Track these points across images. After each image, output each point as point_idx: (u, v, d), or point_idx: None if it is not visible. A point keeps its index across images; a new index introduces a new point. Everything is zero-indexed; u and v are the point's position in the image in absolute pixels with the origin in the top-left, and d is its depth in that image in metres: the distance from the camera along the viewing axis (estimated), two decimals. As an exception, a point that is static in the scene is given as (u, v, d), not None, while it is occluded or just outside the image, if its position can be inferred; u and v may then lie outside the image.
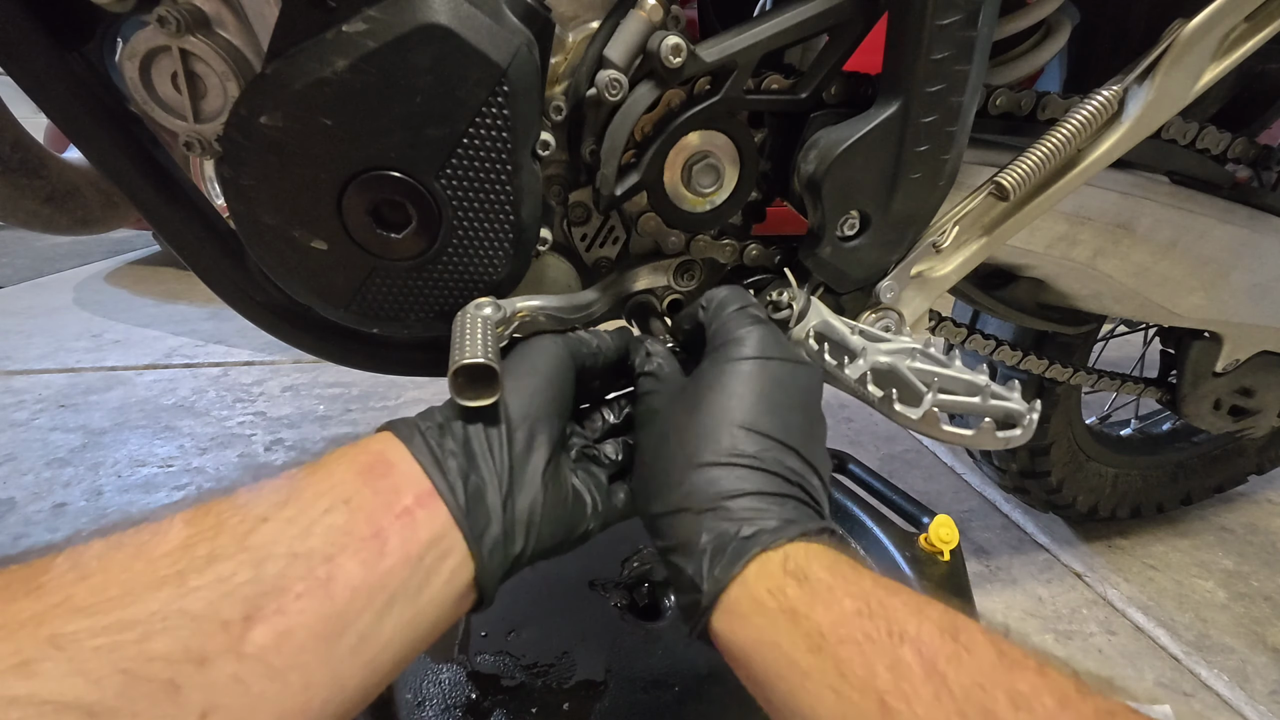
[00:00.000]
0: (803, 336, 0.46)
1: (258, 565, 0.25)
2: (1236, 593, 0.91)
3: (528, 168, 0.41)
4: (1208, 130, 0.57)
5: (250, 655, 0.23)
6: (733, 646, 0.30)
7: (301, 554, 0.26)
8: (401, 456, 0.32)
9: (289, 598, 0.25)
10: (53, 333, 1.71)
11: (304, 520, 0.27)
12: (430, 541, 0.30)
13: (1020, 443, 0.43)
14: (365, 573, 0.27)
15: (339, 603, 0.26)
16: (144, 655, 0.21)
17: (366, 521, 0.28)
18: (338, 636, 0.26)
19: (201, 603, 0.23)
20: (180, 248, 0.46)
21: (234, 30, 0.39)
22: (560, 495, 0.37)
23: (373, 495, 0.29)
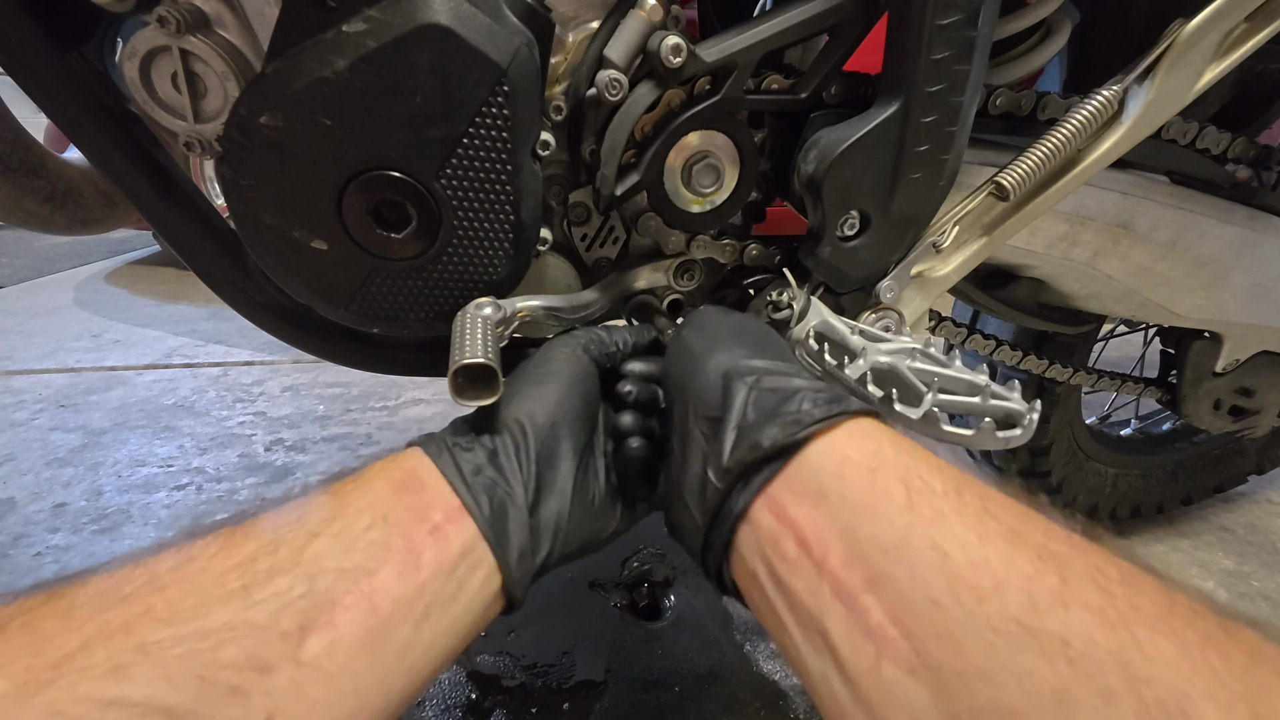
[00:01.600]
0: (803, 336, 0.46)
1: (311, 579, 0.27)
2: (1236, 593, 0.91)
3: (528, 168, 0.41)
4: (1208, 130, 0.57)
5: (306, 663, 0.26)
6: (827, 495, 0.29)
7: (348, 569, 0.28)
8: (431, 474, 0.33)
9: (338, 610, 0.27)
10: (53, 333, 1.71)
11: (348, 536, 0.30)
12: (461, 554, 0.31)
13: (1020, 443, 0.43)
14: (403, 585, 0.29)
15: (382, 614, 0.28)
16: (216, 663, 0.24)
17: (402, 537, 0.30)
18: (382, 644, 0.28)
19: (264, 614, 0.26)
20: (180, 248, 0.46)
21: (234, 30, 0.39)
22: (586, 499, 0.38)
23: (406, 511, 0.31)
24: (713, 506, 0.32)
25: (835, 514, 0.27)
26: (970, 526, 0.25)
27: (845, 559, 0.26)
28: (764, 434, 0.31)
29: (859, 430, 0.31)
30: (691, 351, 0.38)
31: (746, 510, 0.30)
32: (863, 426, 0.31)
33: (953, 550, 0.24)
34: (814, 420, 0.30)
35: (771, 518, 0.29)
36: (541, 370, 0.40)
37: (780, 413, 0.31)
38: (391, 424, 1.25)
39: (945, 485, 0.27)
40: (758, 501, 0.30)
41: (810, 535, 0.28)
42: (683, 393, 0.37)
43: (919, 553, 0.25)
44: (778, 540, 0.29)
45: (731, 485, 0.31)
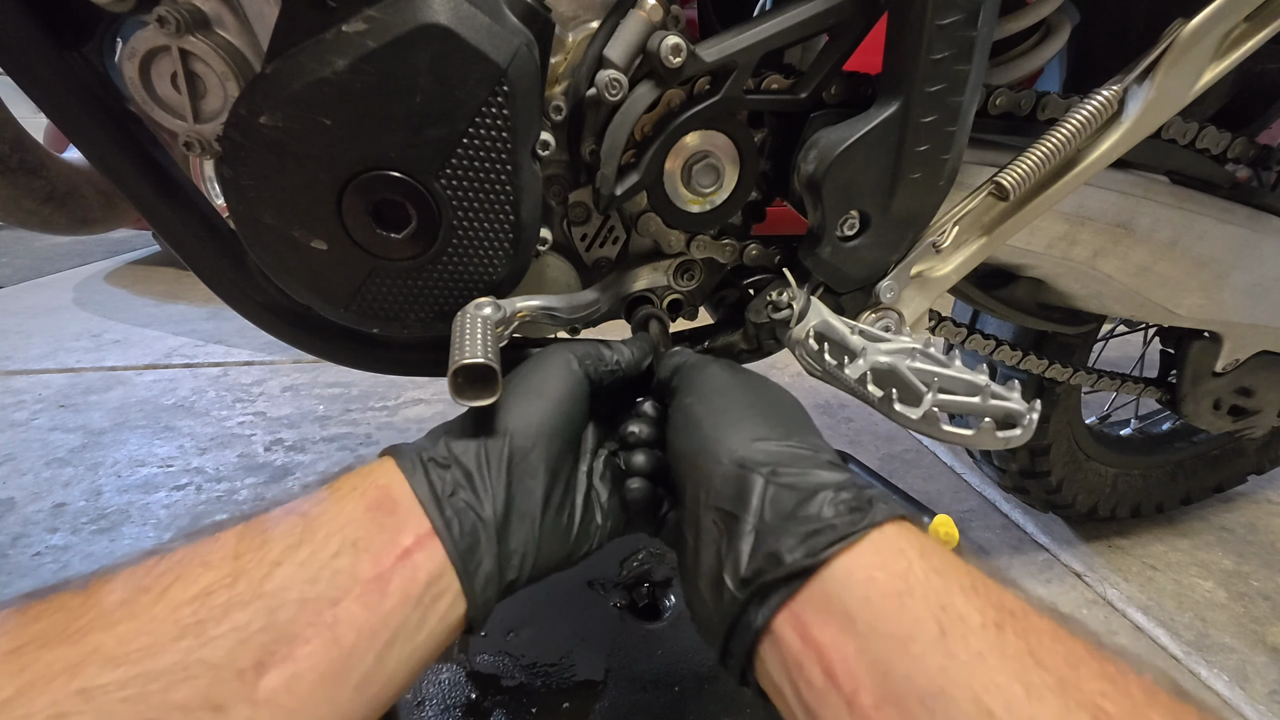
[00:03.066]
0: (803, 336, 0.46)
1: (271, 613, 0.27)
2: (1236, 593, 0.91)
3: (528, 168, 0.41)
4: (1208, 130, 0.57)
5: (262, 701, 0.25)
6: (845, 609, 0.27)
7: (310, 599, 0.28)
8: (404, 494, 0.33)
9: (298, 644, 0.27)
10: (53, 333, 1.71)
11: (314, 564, 0.29)
12: (428, 582, 0.31)
13: (1020, 443, 0.43)
14: (368, 615, 0.29)
15: (344, 645, 0.28)
16: (167, 704, 0.23)
17: (371, 563, 0.30)
18: (344, 677, 0.28)
19: (220, 652, 0.25)
20: (180, 248, 0.46)
21: (234, 30, 0.39)
22: (561, 523, 0.37)
23: (378, 533, 0.31)
24: (730, 615, 0.30)
25: (864, 644, 0.26)
26: (1015, 674, 0.23)
27: (877, 700, 0.24)
28: (783, 545, 0.29)
29: (886, 544, 0.29)
30: (700, 428, 0.36)
31: (768, 624, 0.29)
32: (889, 538, 0.29)
33: (997, 708, 0.22)
34: (837, 538, 0.28)
35: (795, 636, 0.28)
36: (530, 383, 0.39)
37: (800, 517, 0.30)
38: (391, 424, 1.25)
39: (983, 617, 0.25)
40: (780, 616, 0.29)
41: (838, 665, 0.26)
42: (693, 474, 0.35)
43: (960, 707, 0.23)
44: (802, 664, 0.27)
45: (750, 598, 0.29)
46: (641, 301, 0.54)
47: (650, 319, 0.51)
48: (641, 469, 0.41)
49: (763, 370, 0.42)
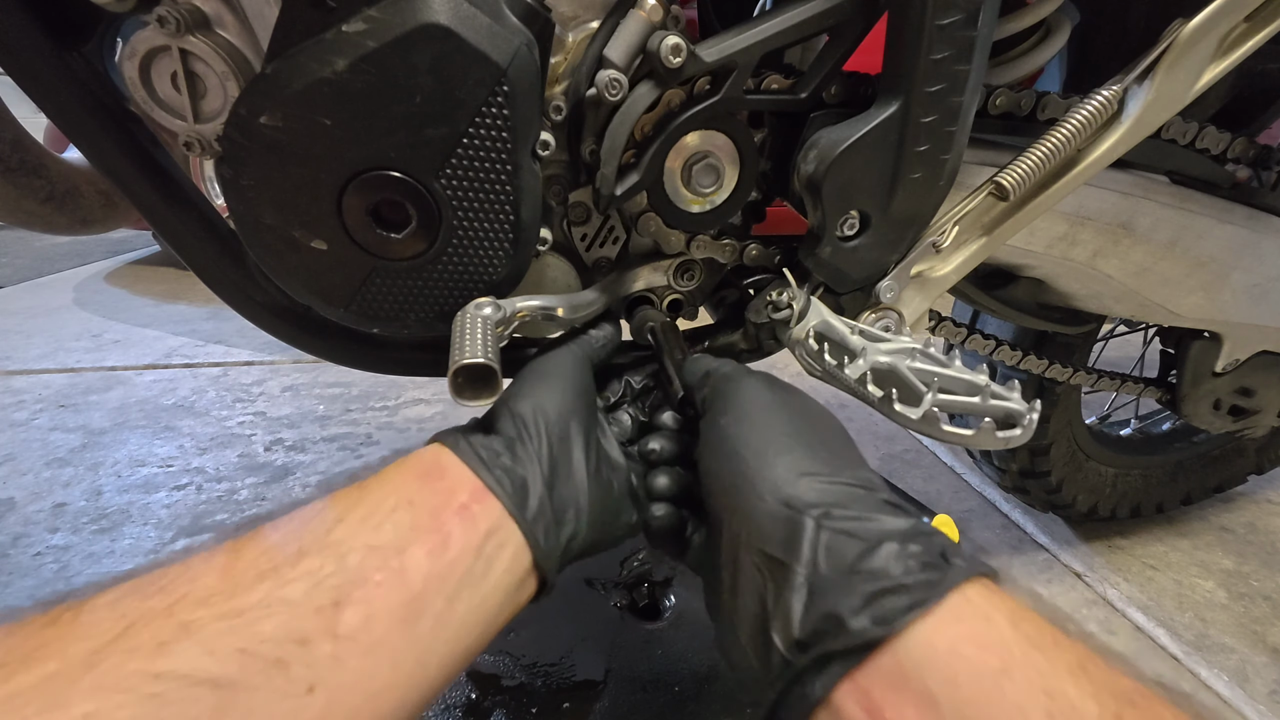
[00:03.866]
0: (803, 336, 0.46)
1: (341, 558, 0.28)
2: (1236, 593, 0.91)
3: (528, 168, 0.41)
4: (1208, 130, 0.57)
5: (343, 636, 0.26)
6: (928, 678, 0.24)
7: (377, 547, 0.29)
8: (452, 462, 0.34)
9: (370, 586, 0.28)
10: (53, 333, 1.71)
11: (375, 518, 0.30)
12: (488, 533, 0.32)
13: (1020, 443, 0.43)
14: (433, 562, 0.30)
15: (414, 589, 0.29)
16: (256, 636, 0.25)
17: (430, 517, 0.31)
18: (416, 619, 0.29)
19: (298, 592, 0.27)
20: (180, 248, 0.46)
21: (234, 30, 0.39)
22: (604, 479, 0.39)
23: (432, 495, 0.32)
24: (782, 680, 0.27)
25: None
26: None
27: None
28: (845, 605, 0.25)
29: (970, 610, 0.25)
30: (739, 456, 0.33)
31: (827, 696, 0.25)
32: (974, 602, 0.25)
33: None
34: (913, 603, 0.24)
35: (862, 714, 0.24)
36: (545, 370, 0.42)
37: (862, 572, 0.26)
38: (391, 424, 1.25)
39: (1100, 708, 0.21)
40: (843, 689, 0.25)
41: None
42: (731, 508, 0.32)
43: None
44: None
45: (807, 666, 0.26)
46: (642, 301, 0.54)
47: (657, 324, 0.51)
48: (665, 493, 0.40)
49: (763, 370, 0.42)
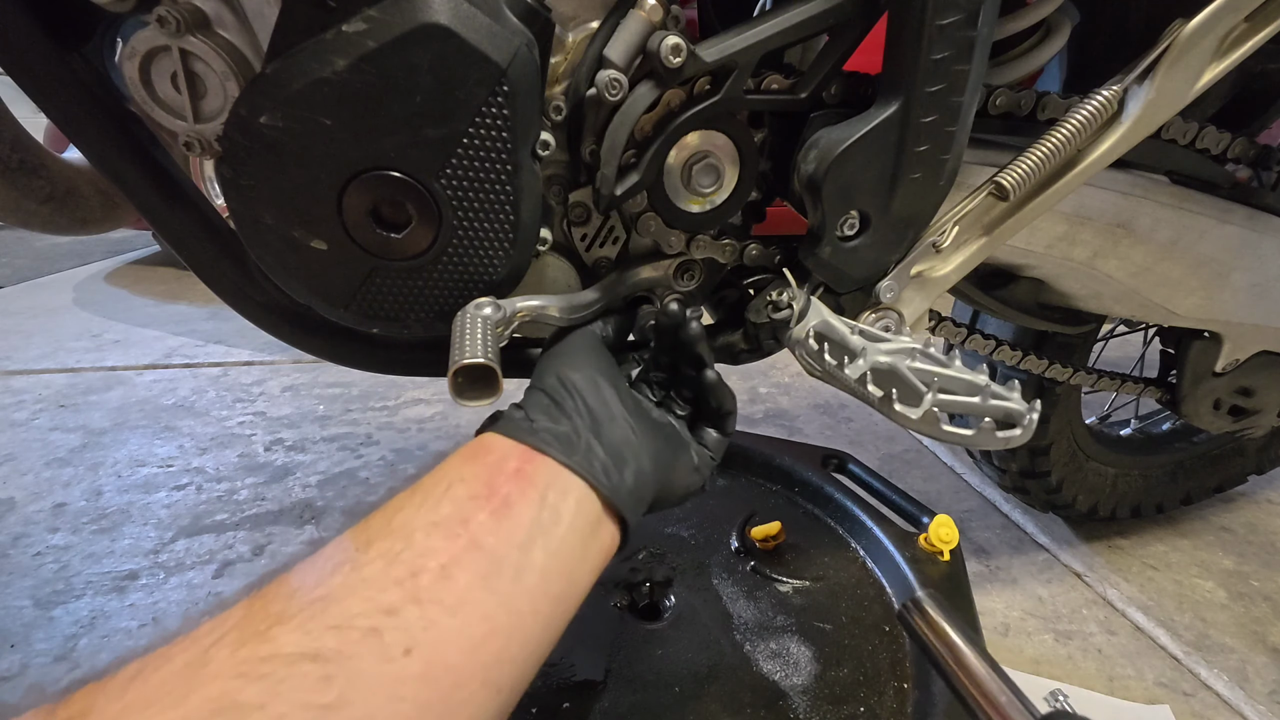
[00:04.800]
0: (803, 336, 0.46)
1: (408, 537, 0.30)
2: (1236, 593, 0.91)
3: (528, 168, 0.41)
4: (1208, 130, 0.57)
5: (427, 600, 0.28)
6: None
7: (440, 521, 0.31)
8: (495, 439, 0.36)
9: (442, 554, 0.30)
10: (53, 333, 1.71)
11: (432, 500, 0.32)
12: (547, 484, 0.34)
13: (1020, 443, 0.43)
14: (498, 521, 0.32)
15: (485, 548, 0.31)
16: (345, 613, 0.27)
17: (485, 485, 0.33)
18: (495, 573, 0.31)
19: (375, 571, 0.29)
20: (180, 248, 0.46)
21: (234, 30, 0.39)
22: (648, 421, 0.41)
23: (483, 469, 0.34)
24: None
25: None
26: None
27: None
28: None
29: None
30: None
31: None
32: None
33: None
34: None
35: None
36: (557, 350, 0.43)
37: None
38: (391, 424, 1.25)
39: None
40: None
41: None
42: None
43: None
44: None
45: None
46: (642, 302, 0.54)
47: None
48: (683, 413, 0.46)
49: (763, 370, 0.42)
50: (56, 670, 0.70)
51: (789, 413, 1.39)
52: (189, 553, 0.88)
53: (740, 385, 1.47)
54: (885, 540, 0.64)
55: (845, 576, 0.63)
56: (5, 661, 0.71)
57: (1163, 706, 0.72)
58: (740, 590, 0.61)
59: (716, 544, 0.67)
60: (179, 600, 0.80)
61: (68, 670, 0.70)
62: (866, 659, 0.54)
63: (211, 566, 0.86)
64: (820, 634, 0.57)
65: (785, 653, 0.55)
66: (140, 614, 0.78)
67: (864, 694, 0.51)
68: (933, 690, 0.50)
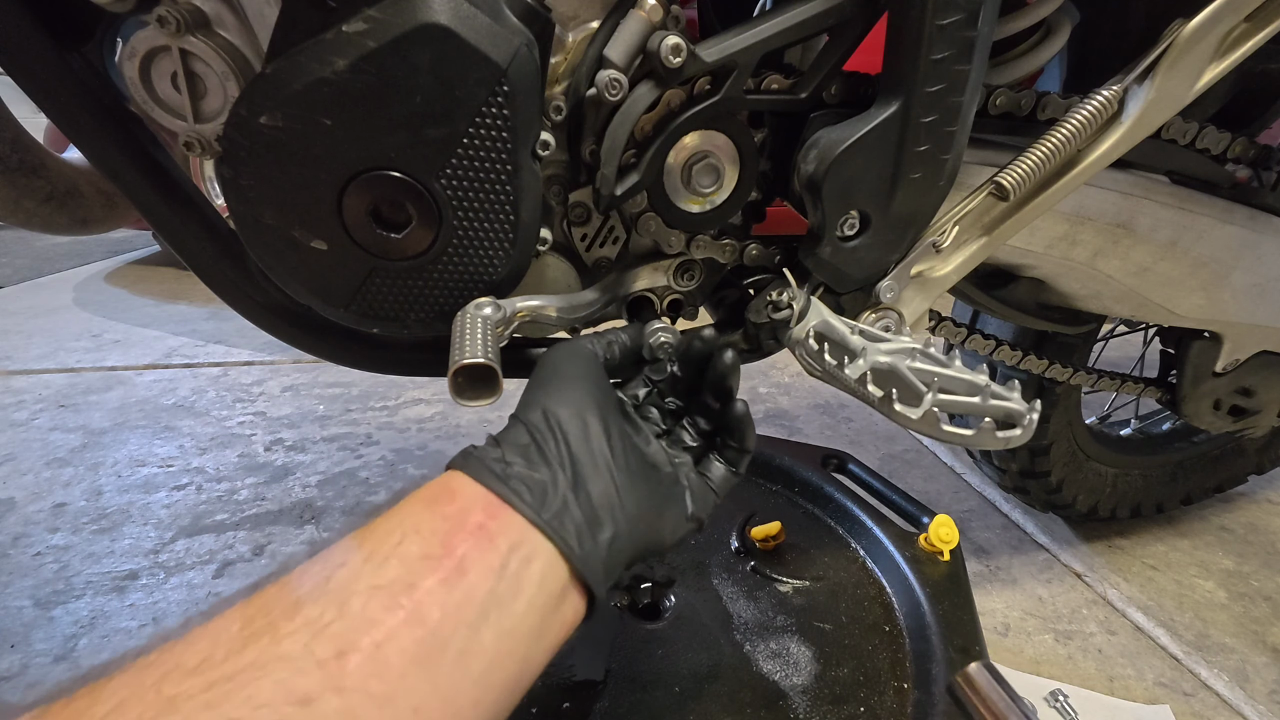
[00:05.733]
0: (803, 336, 0.46)
1: (342, 604, 0.26)
2: (1236, 593, 0.91)
3: (528, 168, 0.41)
4: (1208, 130, 0.57)
5: (351, 688, 0.24)
6: None
7: (383, 585, 0.27)
8: (463, 482, 0.32)
9: (378, 629, 0.26)
10: (53, 333, 1.71)
11: (380, 556, 0.28)
12: (510, 549, 0.30)
13: (1020, 443, 0.43)
14: (448, 592, 0.28)
15: (429, 624, 0.27)
16: (250, 703, 0.23)
17: (441, 544, 0.29)
18: (436, 656, 0.26)
19: (296, 646, 0.24)
20: (180, 248, 0.46)
21: (234, 30, 0.39)
22: (638, 471, 0.37)
23: (442, 521, 0.30)
24: None
25: None
26: None
27: None
28: None
29: None
30: None
31: None
32: None
33: None
34: None
35: None
36: (549, 372, 0.39)
37: None
38: (391, 424, 1.25)
39: None
40: None
41: None
42: None
43: None
44: None
45: None
46: (642, 301, 0.54)
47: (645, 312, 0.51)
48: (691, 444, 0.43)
49: (763, 370, 0.42)
50: (56, 670, 0.70)
51: (789, 413, 1.39)
52: (189, 553, 0.88)
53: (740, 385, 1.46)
54: (885, 540, 0.64)
55: (845, 576, 0.63)
56: (5, 661, 0.70)
57: (1163, 706, 0.72)
58: (740, 590, 0.61)
59: (716, 544, 0.67)
60: (179, 600, 0.80)
61: (68, 670, 0.70)
62: (866, 659, 0.54)
63: (212, 566, 0.86)
64: (820, 634, 0.57)
65: (785, 653, 0.55)
66: (140, 614, 0.78)
67: (864, 694, 0.51)
68: (933, 690, 0.50)
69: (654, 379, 0.45)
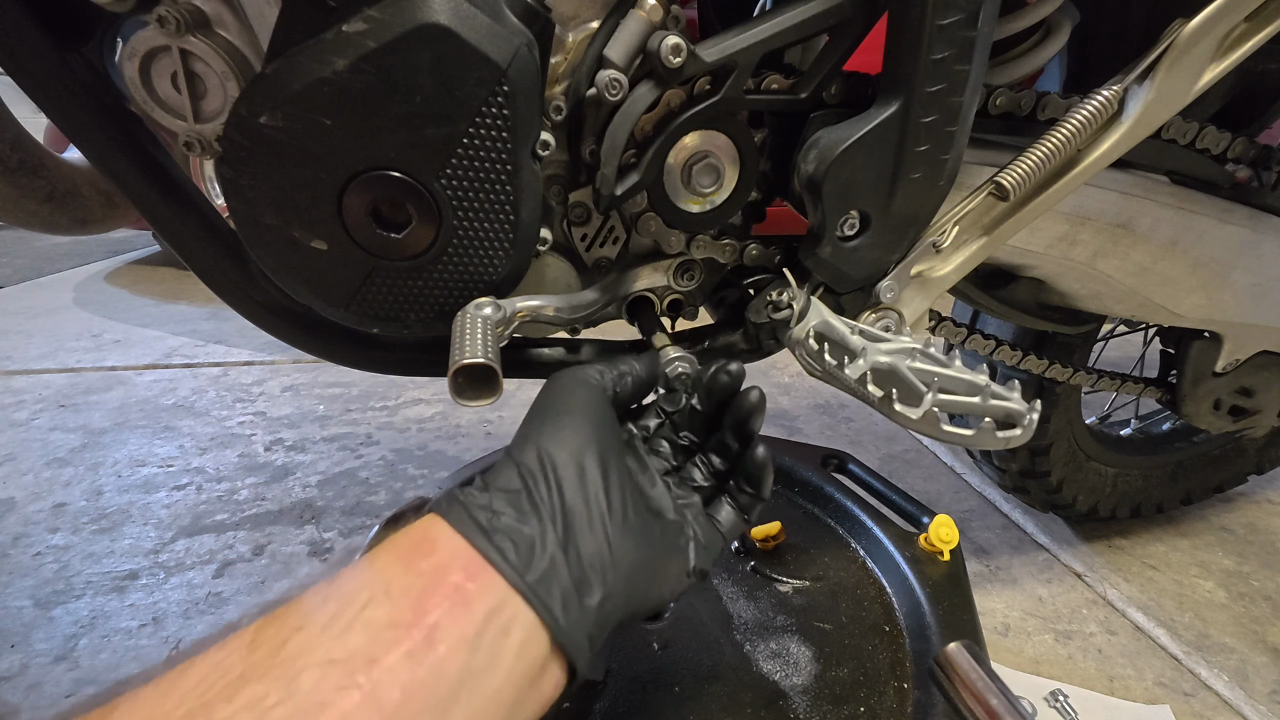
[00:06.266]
0: (803, 336, 0.46)
1: (290, 682, 0.23)
2: (1236, 593, 0.91)
3: (528, 168, 0.41)
4: (1208, 130, 0.57)
5: None
6: None
7: (340, 659, 0.24)
8: (444, 532, 0.29)
9: (328, 712, 0.23)
10: (53, 333, 1.71)
11: (341, 621, 0.25)
12: (487, 616, 0.27)
13: (1020, 443, 0.43)
14: (414, 668, 0.25)
15: (388, 708, 0.24)
16: None
17: (411, 609, 0.26)
18: None
19: None
20: (180, 248, 0.46)
21: (234, 30, 0.39)
22: (640, 521, 0.34)
23: (416, 579, 0.27)
24: None
25: None
26: None
27: None
28: None
29: None
30: None
31: None
32: None
33: None
34: None
35: None
36: (550, 405, 0.36)
37: None
38: (391, 424, 1.26)
39: None
40: None
41: None
42: None
43: None
44: None
45: None
46: (642, 301, 0.54)
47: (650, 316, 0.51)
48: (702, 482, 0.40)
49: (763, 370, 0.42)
50: (56, 670, 0.70)
51: (789, 413, 1.39)
52: (189, 553, 0.88)
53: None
54: (885, 540, 0.64)
55: (845, 576, 0.63)
56: (5, 661, 0.71)
57: (1163, 706, 0.72)
58: (740, 590, 0.61)
59: (716, 544, 0.67)
60: (179, 600, 0.80)
61: (68, 670, 0.70)
62: (866, 659, 0.54)
63: (212, 566, 0.86)
64: (820, 634, 0.57)
65: (785, 653, 0.55)
66: (140, 614, 0.78)
67: (864, 694, 0.51)
68: (933, 690, 0.50)
69: (667, 410, 0.43)
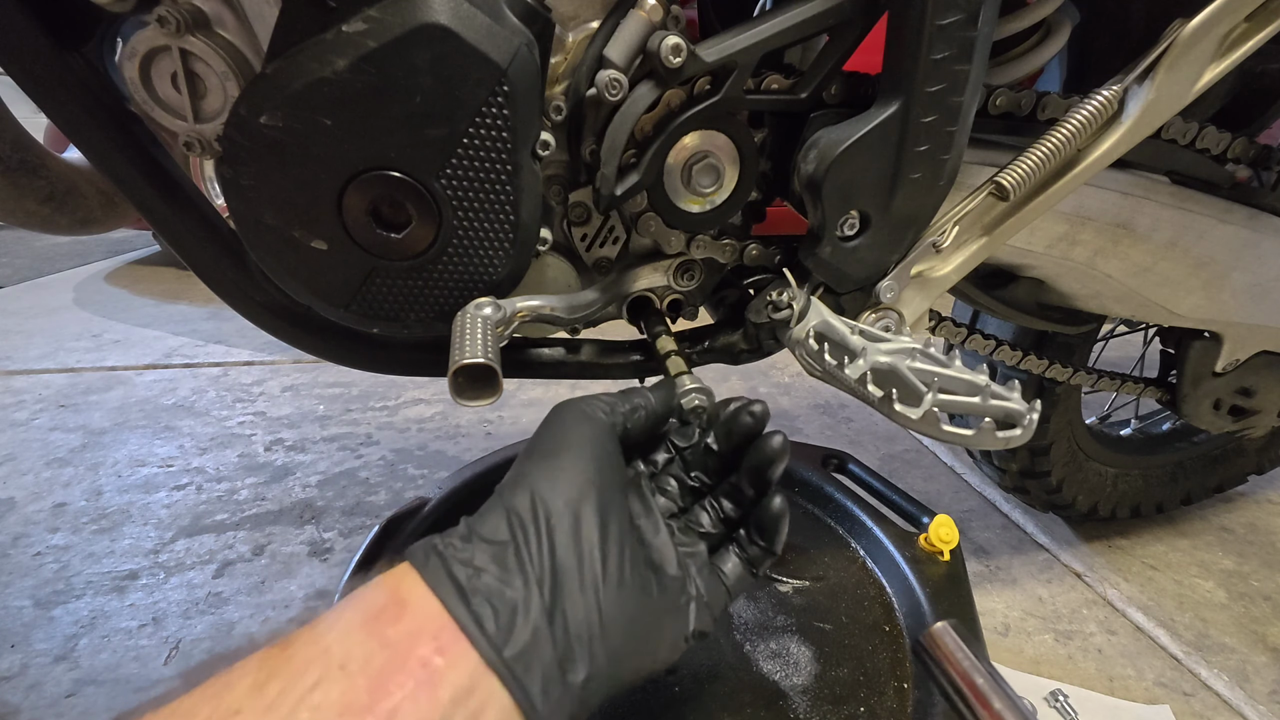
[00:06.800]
0: (803, 336, 0.46)
1: None
2: (1236, 593, 0.91)
3: (528, 168, 0.41)
4: (1208, 130, 0.57)
5: None
6: None
7: None
8: (417, 592, 0.26)
9: None
10: (53, 333, 1.71)
11: (286, 704, 0.22)
12: (456, 698, 0.24)
13: (1020, 443, 0.43)
14: None
15: None
16: None
17: (368, 690, 0.23)
18: None
19: None
20: (180, 248, 0.46)
21: (234, 30, 0.39)
22: (634, 581, 0.30)
23: (379, 649, 0.24)
24: None
25: None
26: None
27: None
28: None
29: None
30: None
31: None
32: None
33: None
34: None
35: None
36: (550, 440, 0.33)
37: None
38: (391, 424, 1.26)
39: None
40: None
41: None
42: None
43: None
44: None
45: None
46: (642, 301, 0.54)
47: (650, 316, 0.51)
48: (738, 581, 0.37)
49: (763, 370, 0.42)
50: (56, 670, 0.70)
51: (789, 413, 1.39)
52: (189, 553, 0.88)
53: (740, 385, 1.47)
54: (885, 540, 0.64)
55: (845, 576, 0.63)
56: (5, 661, 0.71)
57: (1163, 706, 0.72)
58: (740, 590, 0.61)
59: (716, 544, 0.67)
60: (179, 600, 0.80)
61: (68, 670, 0.70)
62: (866, 659, 0.54)
63: (212, 566, 0.86)
64: (820, 634, 0.57)
65: (785, 653, 0.55)
66: (140, 614, 0.78)
67: (864, 694, 0.51)
68: (933, 690, 0.50)
69: (679, 444, 0.39)
